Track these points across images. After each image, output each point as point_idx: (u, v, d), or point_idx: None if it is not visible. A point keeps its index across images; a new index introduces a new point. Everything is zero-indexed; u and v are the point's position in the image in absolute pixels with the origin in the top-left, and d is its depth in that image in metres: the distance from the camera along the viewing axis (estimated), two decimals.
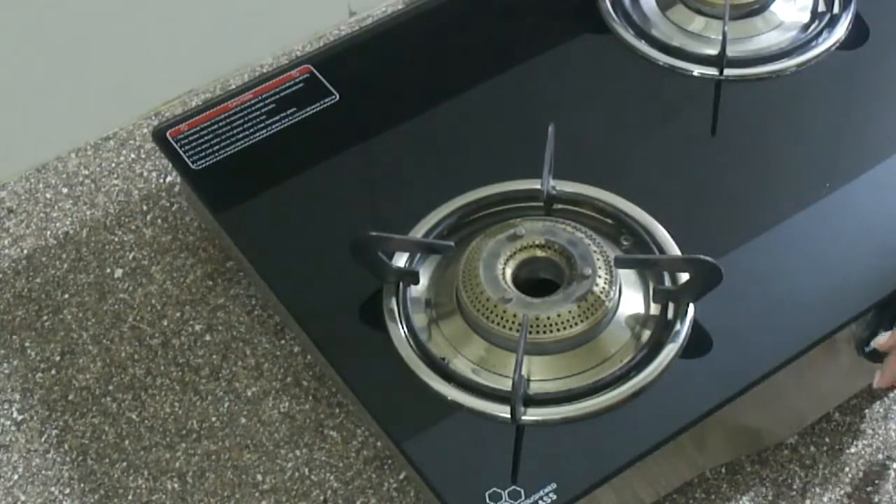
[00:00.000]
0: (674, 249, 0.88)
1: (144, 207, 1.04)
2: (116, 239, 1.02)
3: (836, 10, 1.04)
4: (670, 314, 0.85)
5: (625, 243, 0.90)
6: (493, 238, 0.87)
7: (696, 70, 1.00)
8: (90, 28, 1.05)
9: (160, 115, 1.11)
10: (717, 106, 0.99)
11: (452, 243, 0.88)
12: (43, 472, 0.89)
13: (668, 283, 0.86)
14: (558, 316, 0.83)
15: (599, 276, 0.84)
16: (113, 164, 1.08)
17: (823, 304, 0.85)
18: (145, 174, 1.07)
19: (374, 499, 0.87)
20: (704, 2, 1.04)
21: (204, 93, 1.12)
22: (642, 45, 1.03)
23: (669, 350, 0.83)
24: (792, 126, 0.97)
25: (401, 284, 0.87)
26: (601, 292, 0.84)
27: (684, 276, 0.85)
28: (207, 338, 0.95)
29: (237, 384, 0.93)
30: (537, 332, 0.82)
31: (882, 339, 0.84)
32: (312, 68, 1.03)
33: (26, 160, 1.08)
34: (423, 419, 0.82)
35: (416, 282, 0.88)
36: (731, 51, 1.00)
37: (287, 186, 0.96)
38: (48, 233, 1.03)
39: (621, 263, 0.86)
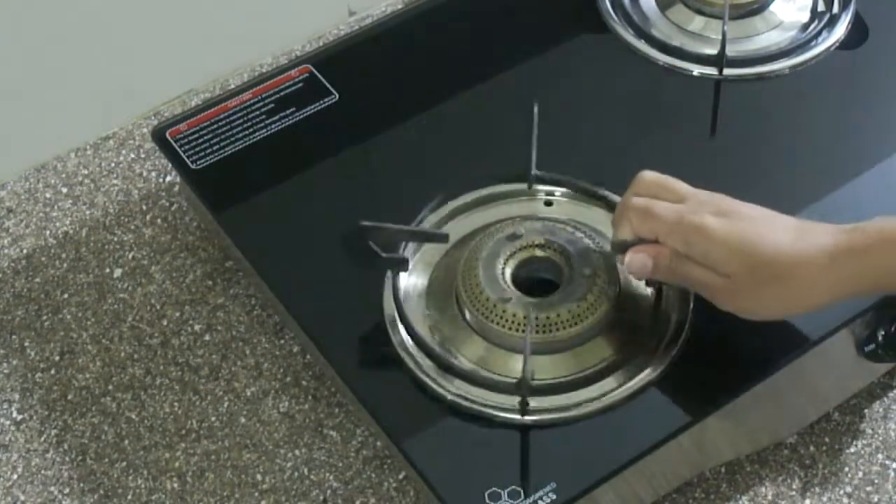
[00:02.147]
0: None
1: (144, 207, 1.04)
2: (116, 239, 1.02)
3: (835, 9, 1.04)
4: (670, 314, 0.85)
5: None
6: (492, 238, 0.87)
7: (696, 70, 1.00)
8: (89, 28, 1.04)
9: (160, 114, 1.10)
10: (716, 105, 0.99)
11: (447, 233, 0.88)
12: (42, 471, 0.89)
13: None
14: (558, 316, 0.83)
15: (599, 276, 0.84)
16: (112, 164, 1.08)
17: None
18: (145, 174, 1.07)
19: (374, 498, 0.87)
20: (704, 1, 1.04)
21: (204, 92, 1.12)
22: (642, 45, 1.03)
23: (670, 350, 0.83)
24: (791, 125, 0.97)
25: (395, 274, 0.86)
26: (601, 292, 0.84)
27: None
28: (207, 338, 0.95)
29: (237, 384, 0.93)
30: (537, 332, 0.82)
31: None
32: (312, 68, 1.03)
33: (26, 160, 1.08)
34: (422, 419, 0.82)
35: (406, 269, 0.87)
36: (731, 50, 0.99)
37: (286, 186, 0.96)
38: (48, 232, 1.03)
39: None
